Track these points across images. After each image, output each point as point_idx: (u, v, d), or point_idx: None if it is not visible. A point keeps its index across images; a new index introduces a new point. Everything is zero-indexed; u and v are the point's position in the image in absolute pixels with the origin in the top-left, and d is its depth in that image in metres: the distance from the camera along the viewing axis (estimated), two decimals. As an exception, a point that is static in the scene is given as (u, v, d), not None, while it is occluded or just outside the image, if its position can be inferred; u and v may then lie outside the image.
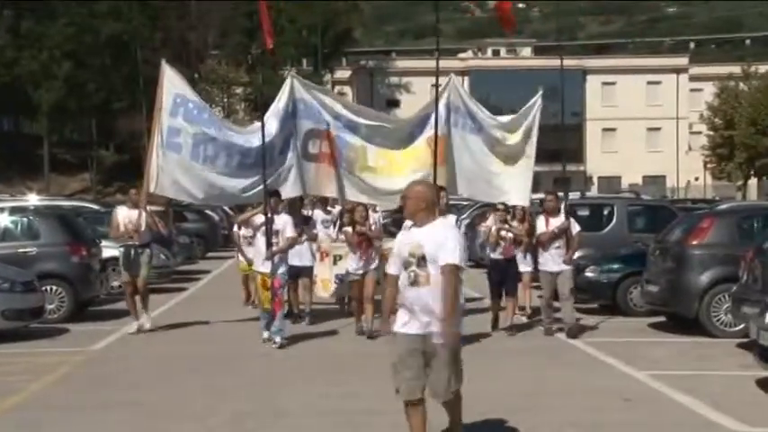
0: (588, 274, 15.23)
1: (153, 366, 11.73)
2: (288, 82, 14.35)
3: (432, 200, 6.76)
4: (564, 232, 13.29)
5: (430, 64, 73.09)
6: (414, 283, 6.52)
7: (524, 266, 14.90)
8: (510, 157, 14.66)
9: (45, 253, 16.26)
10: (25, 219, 17.35)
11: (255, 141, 13.54)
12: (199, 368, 11.52)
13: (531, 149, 14.63)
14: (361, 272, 13.48)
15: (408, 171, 14.13)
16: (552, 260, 13.36)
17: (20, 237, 16.78)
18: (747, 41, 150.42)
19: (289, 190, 14.08)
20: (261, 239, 12.71)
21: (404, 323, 6.62)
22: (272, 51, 16.02)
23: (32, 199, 27.46)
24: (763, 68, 65.96)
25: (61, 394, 10.14)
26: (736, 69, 68.72)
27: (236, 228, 17.19)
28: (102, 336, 13.81)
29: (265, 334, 12.75)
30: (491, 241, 13.83)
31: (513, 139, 14.70)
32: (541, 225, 13.55)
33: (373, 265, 13.51)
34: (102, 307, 16.53)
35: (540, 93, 14.83)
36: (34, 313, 14.36)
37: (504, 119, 15.35)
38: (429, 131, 14.16)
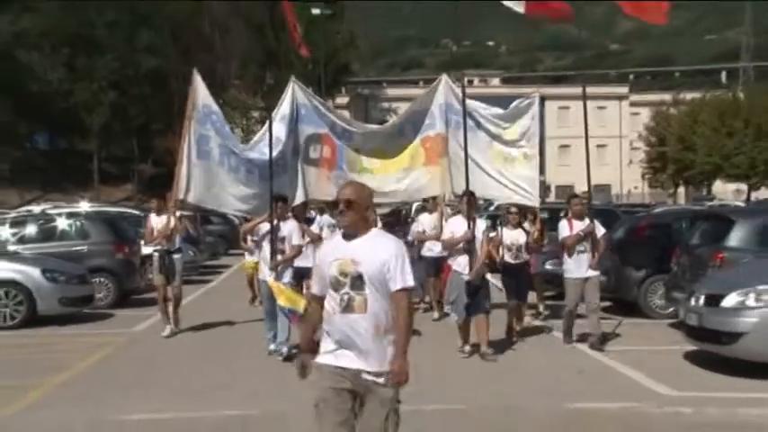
0: (548, 266, 14.87)
1: (184, 346, 11.71)
2: (290, 87, 12.34)
3: (368, 205, 4.67)
4: (589, 235, 10.87)
5: (414, 91, 73.20)
6: (347, 308, 4.45)
7: (536, 267, 13.35)
8: (510, 154, 12.46)
9: (94, 251, 16.35)
10: (78, 222, 17.45)
11: (268, 152, 11.68)
12: (220, 349, 11.49)
13: (534, 150, 12.62)
14: None
15: (401, 169, 12.56)
16: (579, 265, 10.85)
17: (74, 237, 16.88)
18: (677, 74, 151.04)
19: (296, 196, 12.16)
20: (267, 247, 10.52)
21: (329, 352, 4.53)
22: (305, 52, 13.20)
23: (84, 206, 27.38)
24: (689, 96, 66.37)
25: (107, 369, 10.12)
26: (667, 97, 69.16)
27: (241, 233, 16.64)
28: (141, 320, 13.78)
29: (272, 346, 10.54)
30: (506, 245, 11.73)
31: (510, 135, 12.48)
32: (565, 229, 11.06)
33: None
34: (141, 296, 16.49)
35: (537, 96, 12.91)
36: (86, 301, 14.48)
37: (498, 110, 12.90)
38: (425, 132, 12.48)
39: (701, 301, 9.44)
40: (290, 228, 10.61)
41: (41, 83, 62.41)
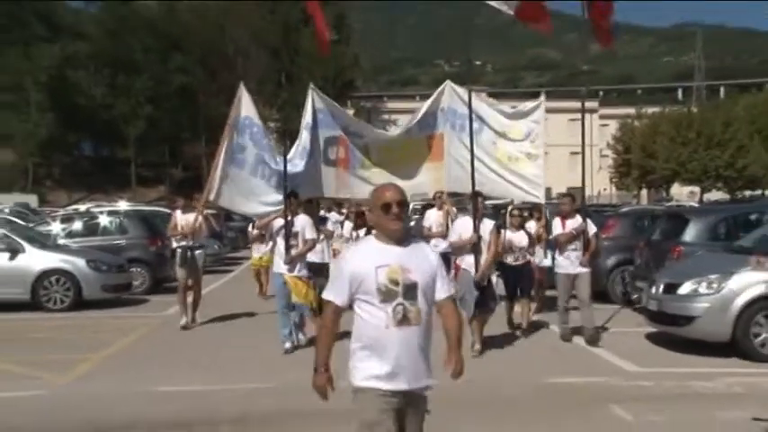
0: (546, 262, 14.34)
1: (209, 328, 11.71)
2: (309, 95, 11.28)
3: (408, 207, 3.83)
4: (581, 233, 9.98)
5: (411, 105, 73.13)
6: (403, 321, 3.54)
7: (542, 263, 12.31)
8: (513, 153, 11.40)
9: (131, 244, 16.44)
10: (118, 219, 17.55)
11: (301, 164, 10.75)
12: (241, 330, 11.52)
13: (538, 150, 11.52)
14: None
15: (407, 164, 11.48)
16: (570, 262, 9.99)
17: (114, 232, 16.98)
18: (639, 91, 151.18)
19: (307, 190, 10.77)
20: (281, 242, 9.48)
21: (380, 376, 3.56)
22: (326, 48, 10.96)
23: (123, 205, 27.40)
24: (650, 110, 66.50)
25: (143, 347, 10.15)
26: (631, 111, 69.17)
27: (250, 228, 15.91)
28: (173, 304, 13.70)
29: (288, 345, 9.43)
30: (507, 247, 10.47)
31: (515, 134, 11.44)
32: (557, 227, 10.20)
33: None
34: (172, 283, 16.48)
35: (543, 98, 11.90)
36: (124, 287, 14.53)
37: (505, 108, 11.83)
38: (430, 131, 11.50)
39: (661, 288, 9.45)
40: (302, 223, 9.59)
41: (87, 98, 63.41)
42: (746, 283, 8.78)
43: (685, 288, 9.09)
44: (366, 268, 3.56)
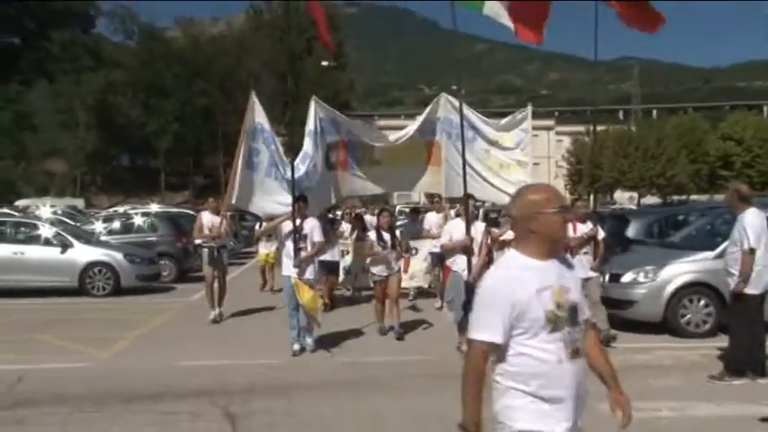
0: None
1: (225, 312, 11.60)
2: (312, 105, 10.33)
3: None
4: (592, 238, 8.58)
5: (397, 122, 73.12)
6: (576, 353, 2.50)
7: None
8: (504, 161, 10.41)
9: (161, 240, 16.38)
10: (149, 219, 17.54)
11: (302, 168, 9.75)
12: (253, 315, 11.42)
13: (527, 158, 10.48)
14: (385, 274, 9.02)
15: (408, 163, 10.56)
16: (581, 266, 8.20)
17: (146, 230, 16.95)
18: (588, 112, 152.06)
19: (315, 201, 9.46)
20: (290, 245, 8.16)
21: (552, 421, 2.45)
22: (331, 48, 9.75)
23: (154, 207, 27.27)
24: (598, 128, 66.87)
25: (170, 328, 10.09)
26: (581, 129, 69.60)
27: (257, 226, 14.49)
28: (195, 291, 13.65)
29: (296, 346, 7.96)
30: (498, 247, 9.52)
31: (507, 142, 10.42)
32: (569, 231, 8.03)
33: (397, 267, 9.14)
34: (195, 274, 16.41)
35: (530, 108, 10.72)
36: (155, 277, 14.46)
37: (499, 121, 10.85)
38: (429, 137, 10.60)
39: (607, 278, 9.48)
40: (311, 225, 8.34)
41: (125, 118, 64.14)
42: (676, 273, 8.84)
43: (627, 277, 9.12)
44: (526, 293, 2.43)
